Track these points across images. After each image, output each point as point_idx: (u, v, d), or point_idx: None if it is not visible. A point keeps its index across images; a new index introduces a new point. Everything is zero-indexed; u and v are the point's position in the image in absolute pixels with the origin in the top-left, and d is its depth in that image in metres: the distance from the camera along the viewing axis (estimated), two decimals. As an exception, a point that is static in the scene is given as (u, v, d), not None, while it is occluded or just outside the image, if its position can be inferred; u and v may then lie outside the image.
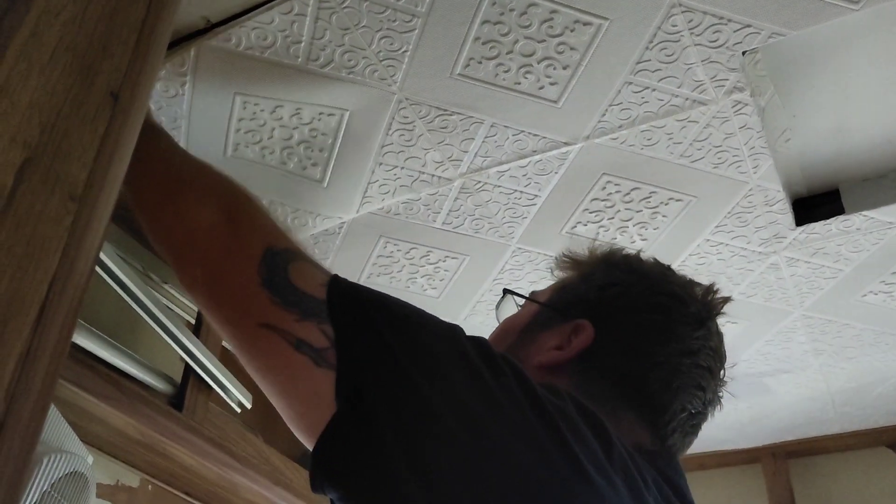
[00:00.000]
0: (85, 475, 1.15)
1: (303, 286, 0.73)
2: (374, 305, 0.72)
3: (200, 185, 0.86)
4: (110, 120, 0.60)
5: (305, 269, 0.76)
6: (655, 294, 0.88)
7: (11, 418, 0.50)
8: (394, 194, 1.51)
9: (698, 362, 0.85)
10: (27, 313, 0.51)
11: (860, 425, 2.35)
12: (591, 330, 0.85)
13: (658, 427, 0.83)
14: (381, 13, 1.18)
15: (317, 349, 0.68)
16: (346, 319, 0.70)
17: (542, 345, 0.87)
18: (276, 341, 0.70)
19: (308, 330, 0.69)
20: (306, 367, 0.68)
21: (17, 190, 0.51)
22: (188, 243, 0.81)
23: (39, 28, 0.56)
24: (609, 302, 0.88)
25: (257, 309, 0.72)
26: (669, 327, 0.86)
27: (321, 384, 0.67)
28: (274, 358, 0.71)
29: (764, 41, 1.20)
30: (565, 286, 0.94)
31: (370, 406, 0.64)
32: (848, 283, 1.71)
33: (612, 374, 0.84)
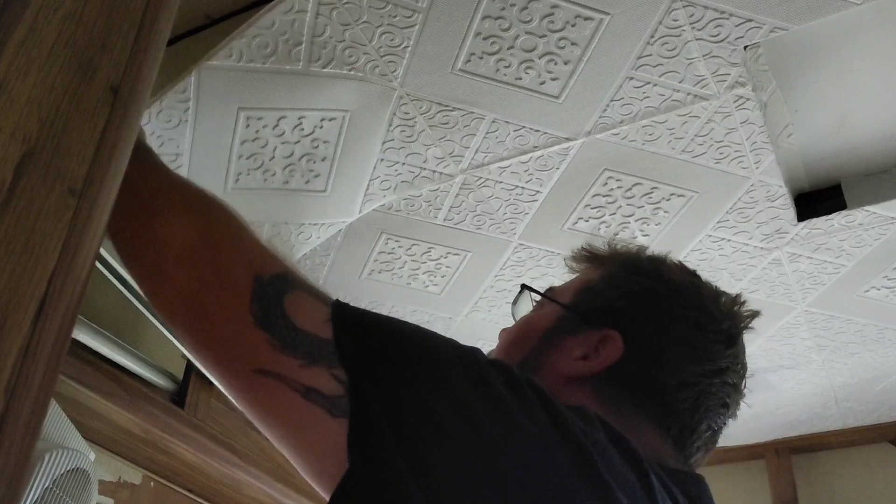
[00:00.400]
0: (87, 472, 1.15)
1: (304, 325, 0.64)
2: (386, 339, 0.65)
3: (172, 203, 0.75)
4: (110, 115, 0.60)
5: (303, 301, 0.67)
6: (687, 308, 0.84)
7: (11, 415, 0.50)
8: (395, 190, 1.50)
9: (726, 380, 0.82)
10: (27, 309, 0.51)
11: (863, 421, 2.35)
12: (621, 343, 0.81)
13: (685, 446, 0.80)
14: (382, 8, 1.17)
15: (329, 397, 0.61)
16: (361, 363, 0.62)
17: (567, 352, 0.82)
18: (280, 390, 0.62)
19: (318, 377, 0.62)
20: (319, 418, 0.61)
21: (17, 185, 0.51)
22: (159, 272, 0.71)
23: (38, 23, 0.55)
24: (638, 313, 0.84)
25: (253, 353, 0.64)
26: (701, 345, 0.82)
27: (337, 435, 0.60)
28: (279, 409, 0.63)
29: (766, 36, 1.20)
30: (589, 289, 0.88)
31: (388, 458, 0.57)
32: (850, 279, 1.71)
33: (638, 390, 0.79)
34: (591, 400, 0.77)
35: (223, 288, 0.67)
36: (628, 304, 0.84)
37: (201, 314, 0.67)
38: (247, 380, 0.64)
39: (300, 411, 0.61)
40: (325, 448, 0.60)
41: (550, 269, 1.71)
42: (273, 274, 0.68)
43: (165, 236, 0.71)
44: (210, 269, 0.69)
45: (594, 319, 0.84)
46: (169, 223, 0.72)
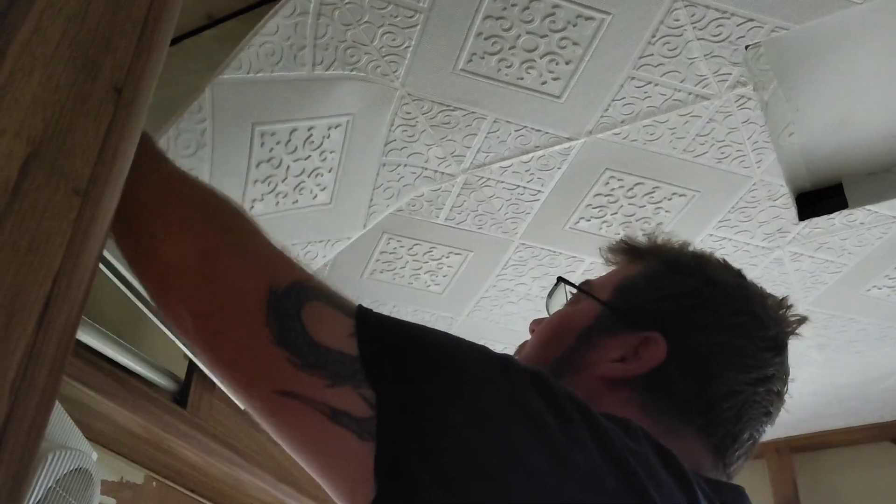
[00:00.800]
0: (90, 472, 1.15)
1: (326, 340, 0.60)
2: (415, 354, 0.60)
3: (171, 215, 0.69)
4: (114, 115, 0.60)
5: (323, 313, 0.62)
6: (734, 313, 0.79)
7: (16, 416, 0.50)
8: (398, 197, 1.50)
9: (771, 388, 0.78)
10: (31, 309, 0.51)
11: (865, 420, 2.35)
12: (664, 346, 0.76)
13: (725, 455, 0.76)
14: (383, 9, 1.17)
15: (358, 419, 0.56)
16: (386, 381, 0.58)
17: (604, 353, 0.77)
18: (304, 413, 0.58)
19: (345, 397, 0.57)
20: (348, 441, 0.56)
21: (21, 185, 0.51)
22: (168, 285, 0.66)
23: (42, 23, 0.55)
24: (684, 316, 0.78)
25: (273, 373, 0.59)
26: (749, 353, 0.77)
27: (367, 460, 0.55)
28: (305, 432, 0.59)
29: (767, 35, 1.20)
30: (630, 286, 0.83)
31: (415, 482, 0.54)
32: (852, 278, 1.71)
33: (681, 398, 0.75)
34: (629, 405, 0.74)
35: (235, 306, 0.62)
36: (673, 307, 0.79)
37: (214, 335, 0.63)
38: (268, 401, 0.60)
39: (328, 435, 0.57)
40: (355, 473, 0.56)
41: (552, 269, 1.71)
42: (288, 284, 0.63)
43: (167, 256, 0.66)
44: (218, 288, 0.64)
45: (635, 320, 0.79)
46: (169, 241, 0.67)
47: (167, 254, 0.66)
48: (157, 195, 0.71)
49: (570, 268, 1.70)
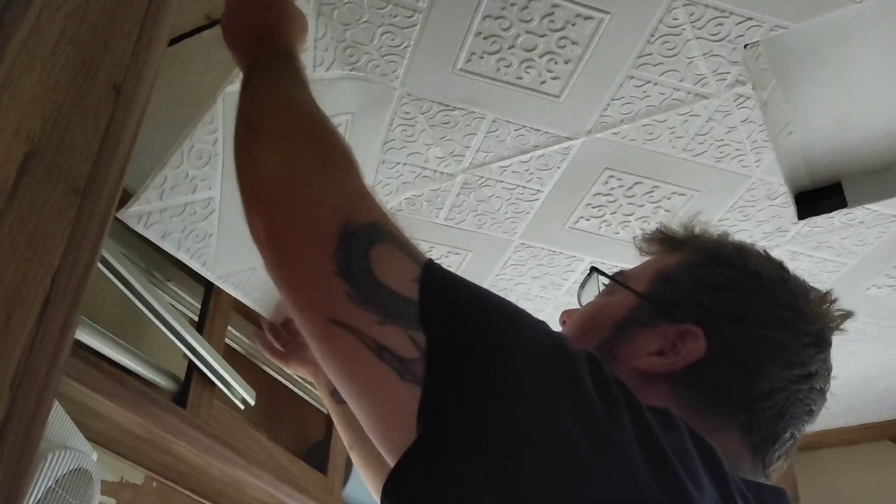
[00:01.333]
0: (89, 472, 1.15)
1: (388, 280, 0.61)
2: (473, 309, 0.61)
3: (274, 125, 0.75)
4: (112, 113, 0.60)
5: (392, 256, 0.63)
6: (778, 307, 0.76)
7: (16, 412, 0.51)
8: (396, 193, 1.51)
9: (814, 386, 0.76)
10: (31, 306, 0.51)
11: (865, 419, 2.35)
12: (704, 341, 0.73)
13: (765, 454, 0.74)
14: (383, 8, 1.18)
15: (402, 359, 0.57)
16: (440, 328, 0.58)
17: (641, 346, 0.75)
18: (352, 344, 0.59)
19: (393, 336, 0.58)
20: (389, 379, 0.57)
21: (21, 183, 0.51)
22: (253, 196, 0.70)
23: (41, 22, 0.56)
24: (725, 310, 0.76)
25: (330, 300, 0.61)
26: (793, 349, 0.75)
27: (406, 400, 0.56)
28: (350, 363, 0.60)
29: (766, 34, 1.20)
30: (668, 277, 0.80)
31: (455, 433, 0.54)
32: (851, 277, 1.71)
33: (722, 395, 0.72)
34: (666, 399, 0.71)
35: (308, 230, 0.64)
36: (713, 300, 0.76)
37: (284, 252, 0.65)
38: (321, 327, 0.61)
39: (371, 369, 0.58)
40: (393, 412, 0.57)
41: (551, 269, 1.71)
42: (364, 223, 0.64)
43: (260, 169, 0.70)
44: (297, 210, 0.66)
45: (673, 312, 0.76)
46: (267, 156, 0.71)
47: (261, 166, 0.70)
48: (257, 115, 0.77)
49: (570, 267, 1.71)
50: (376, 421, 0.60)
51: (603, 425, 0.55)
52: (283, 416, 2.05)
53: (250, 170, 0.72)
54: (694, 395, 0.72)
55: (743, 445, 0.72)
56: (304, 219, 0.65)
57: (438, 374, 0.56)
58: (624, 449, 0.54)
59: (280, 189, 0.68)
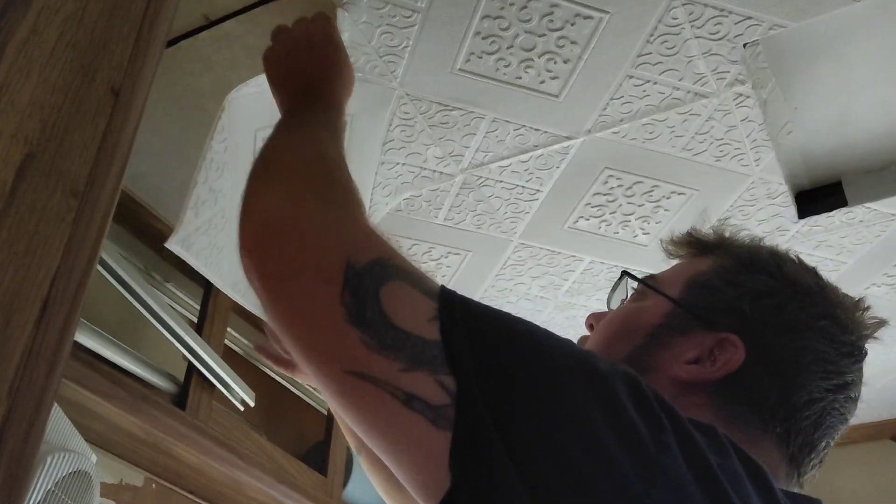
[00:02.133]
0: (89, 474, 1.15)
1: (405, 323, 0.56)
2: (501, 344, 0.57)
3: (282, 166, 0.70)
4: (111, 116, 0.60)
5: (404, 294, 0.59)
6: (816, 317, 0.74)
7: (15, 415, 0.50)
8: (396, 195, 1.50)
9: (850, 395, 0.75)
10: (30, 310, 0.51)
11: (864, 418, 2.35)
12: (742, 349, 0.71)
13: (801, 464, 0.72)
14: (381, 8, 1.17)
15: (433, 407, 0.53)
16: (471, 370, 0.54)
17: (677, 354, 0.73)
18: (377, 396, 0.55)
19: (421, 383, 0.54)
20: (420, 428, 0.53)
21: (19, 187, 0.51)
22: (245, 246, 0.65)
23: (39, 25, 0.55)
24: (763, 317, 0.74)
25: (345, 352, 0.56)
26: (831, 359, 0.73)
27: (440, 448, 0.52)
28: (376, 416, 0.56)
29: (765, 33, 1.20)
30: (703, 283, 0.78)
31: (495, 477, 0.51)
32: (851, 276, 1.70)
33: (757, 403, 0.71)
34: (704, 410, 0.70)
35: (310, 274, 0.60)
36: (751, 307, 0.74)
37: (285, 301, 0.60)
38: (339, 381, 0.57)
39: (400, 421, 0.54)
40: (428, 462, 0.53)
41: (551, 269, 1.71)
42: (369, 261, 0.60)
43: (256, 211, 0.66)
44: (296, 250, 0.61)
45: (710, 319, 0.74)
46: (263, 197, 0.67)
47: (257, 208, 0.66)
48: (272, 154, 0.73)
49: (570, 267, 1.70)
50: (411, 471, 0.56)
51: (651, 452, 0.52)
52: (283, 417, 2.05)
53: (246, 214, 0.67)
54: (732, 405, 0.70)
55: (780, 456, 0.71)
56: (302, 260, 0.61)
57: (471, 417, 0.53)
58: (675, 476, 0.52)
59: (277, 231, 0.63)
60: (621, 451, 0.51)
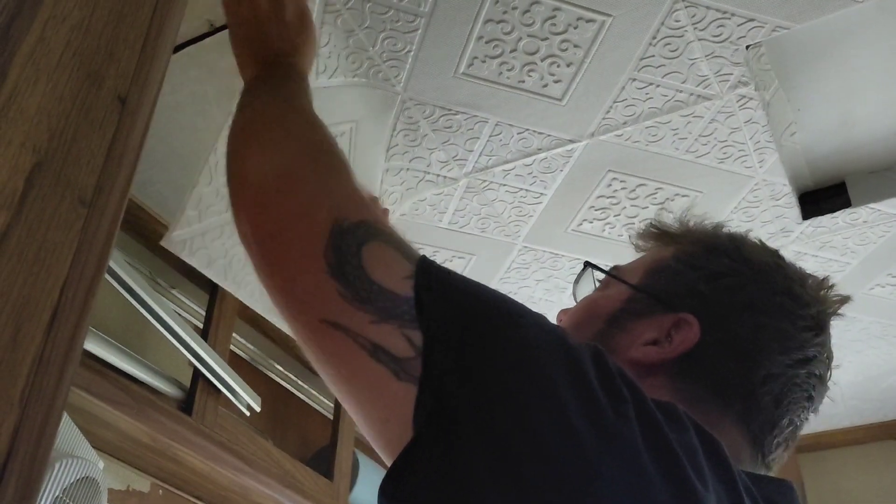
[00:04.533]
0: (96, 480, 1.15)
1: (381, 278, 0.59)
2: (470, 305, 0.59)
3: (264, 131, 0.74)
4: (118, 124, 0.60)
5: (384, 253, 0.62)
6: (774, 293, 0.76)
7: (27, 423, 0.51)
8: (401, 201, 1.51)
9: (812, 371, 0.75)
10: (40, 318, 0.51)
11: (869, 419, 2.35)
12: (698, 328, 0.73)
13: (763, 444, 0.73)
14: (385, 14, 1.18)
15: (398, 359, 0.56)
16: (437, 324, 0.57)
17: (636, 337, 0.74)
18: (346, 345, 0.58)
19: (388, 335, 0.57)
20: (384, 379, 0.56)
21: (28, 195, 0.51)
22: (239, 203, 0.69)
23: (46, 33, 0.56)
24: (721, 297, 0.75)
25: (321, 301, 0.59)
26: (790, 333, 0.74)
27: (401, 399, 0.55)
28: (344, 364, 0.59)
29: (768, 35, 1.20)
30: (663, 268, 0.80)
31: (457, 430, 0.53)
32: (855, 277, 1.71)
33: (719, 383, 0.72)
34: (664, 391, 0.71)
35: (298, 230, 0.63)
36: (708, 287, 0.76)
37: (273, 253, 0.64)
38: (313, 329, 0.60)
39: (365, 370, 0.57)
40: (389, 411, 0.56)
41: (555, 272, 1.71)
42: (355, 221, 0.63)
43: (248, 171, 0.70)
44: (285, 210, 0.65)
45: (668, 302, 0.76)
46: (255, 157, 0.71)
47: (249, 169, 0.69)
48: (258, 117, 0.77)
49: (574, 270, 1.70)
50: (372, 421, 0.59)
51: (609, 421, 0.54)
52: (289, 422, 2.05)
53: (238, 170, 0.71)
54: (691, 385, 0.71)
55: (742, 436, 0.72)
56: (293, 218, 0.64)
57: (436, 372, 0.55)
58: (630, 444, 0.54)
59: (268, 188, 0.67)
60: (579, 415, 0.53)
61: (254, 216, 0.67)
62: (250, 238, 0.66)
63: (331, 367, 0.60)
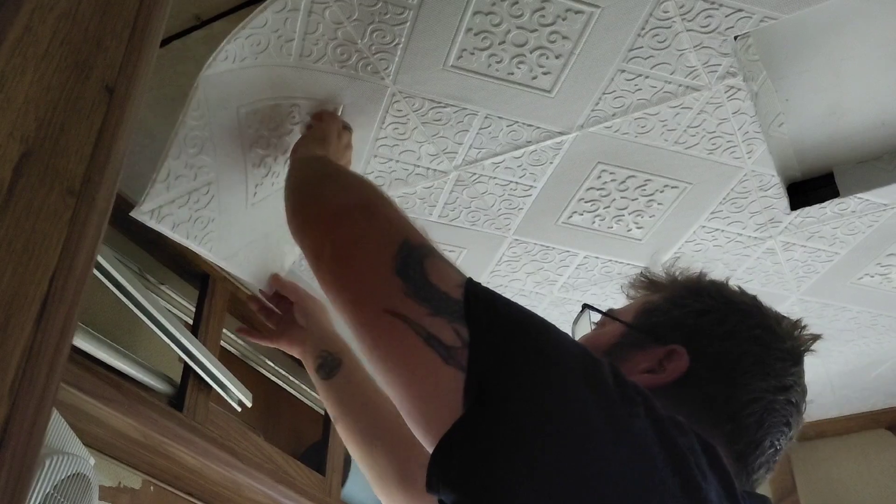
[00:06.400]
0: (87, 477, 1.15)
1: (438, 283, 0.72)
2: (511, 316, 0.71)
3: (343, 178, 0.94)
4: (106, 114, 0.60)
5: (441, 267, 0.75)
6: (752, 326, 0.86)
7: (16, 417, 0.50)
8: (389, 188, 1.50)
9: (790, 398, 0.84)
10: (29, 309, 0.51)
11: (859, 408, 2.36)
12: (687, 357, 0.83)
13: (747, 463, 0.82)
14: (373, 6, 1.17)
15: (447, 346, 0.67)
16: (482, 323, 0.68)
17: (632, 366, 0.83)
18: (403, 331, 0.69)
19: (440, 326, 0.68)
20: (434, 362, 0.67)
21: (16, 185, 0.51)
22: (317, 221, 0.85)
23: (33, 23, 0.55)
24: (707, 329, 0.85)
25: (387, 294, 0.72)
26: (768, 362, 0.84)
27: (447, 381, 0.66)
28: (399, 347, 0.70)
29: (756, 25, 1.20)
30: (652, 309, 0.90)
31: (499, 414, 0.63)
32: (844, 267, 1.71)
33: (708, 406, 0.81)
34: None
35: (373, 240, 0.77)
36: (696, 321, 0.86)
37: (348, 257, 0.78)
38: (377, 317, 0.72)
39: (418, 353, 0.68)
40: (436, 391, 0.66)
41: (546, 264, 1.71)
42: (421, 243, 0.77)
43: (333, 199, 0.87)
44: (365, 227, 0.80)
45: (660, 335, 0.86)
46: (340, 191, 0.89)
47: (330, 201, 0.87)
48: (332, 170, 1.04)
49: (564, 263, 1.71)
50: (417, 400, 0.69)
51: (622, 415, 0.64)
52: (280, 417, 2.05)
53: (318, 205, 0.89)
54: (684, 409, 0.78)
55: (728, 455, 0.79)
56: (373, 232, 0.79)
57: (481, 361, 0.66)
58: (640, 435, 0.63)
59: (351, 216, 0.82)
60: (597, 409, 0.63)
61: (334, 229, 0.82)
62: (328, 251, 0.81)
63: (389, 350, 0.71)
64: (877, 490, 2.38)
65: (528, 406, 0.63)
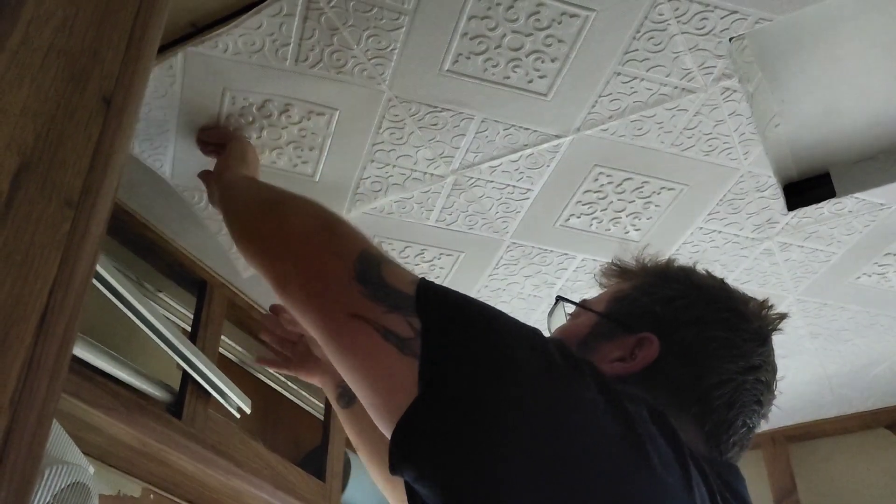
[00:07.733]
0: (87, 486, 1.14)
1: (393, 282, 0.77)
2: (459, 304, 0.76)
3: (298, 202, 0.97)
4: (103, 125, 0.60)
5: (396, 270, 0.80)
6: (720, 310, 0.89)
7: (17, 428, 0.50)
8: (386, 193, 1.50)
9: (759, 378, 0.87)
10: (28, 321, 0.51)
11: (858, 408, 2.36)
12: (657, 343, 0.86)
13: (720, 442, 0.84)
14: (369, 11, 1.17)
15: (402, 338, 0.72)
16: (433, 314, 0.74)
17: (605, 355, 0.87)
18: (364, 330, 0.74)
19: (396, 321, 0.74)
20: (392, 355, 0.72)
21: (14, 197, 0.51)
22: (283, 243, 0.89)
23: (30, 34, 0.55)
24: (675, 316, 0.88)
25: (349, 299, 0.77)
26: (736, 344, 0.87)
27: (404, 371, 0.70)
28: (361, 345, 0.75)
29: (751, 27, 1.20)
30: (623, 297, 0.93)
31: (450, 392, 0.68)
32: (841, 266, 1.72)
33: (678, 389, 0.84)
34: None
35: (334, 254, 0.82)
36: (664, 309, 0.89)
37: (313, 272, 0.82)
38: (341, 321, 0.77)
39: (378, 348, 0.73)
40: (394, 381, 0.71)
41: (544, 267, 1.71)
42: (377, 252, 0.83)
43: (292, 222, 0.90)
44: (326, 243, 0.85)
45: (630, 324, 0.89)
46: (297, 214, 0.92)
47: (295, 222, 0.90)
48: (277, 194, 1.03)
49: (562, 265, 1.71)
50: (377, 390, 0.74)
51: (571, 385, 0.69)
52: (279, 423, 2.04)
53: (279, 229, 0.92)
54: (654, 393, 0.81)
55: (697, 435, 0.83)
56: (333, 246, 0.84)
57: (432, 346, 0.71)
58: (590, 403, 0.67)
59: (312, 236, 0.87)
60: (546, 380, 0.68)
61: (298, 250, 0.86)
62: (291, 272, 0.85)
63: (351, 348, 0.76)
64: (877, 489, 2.38)
65: (478, 383, 0.67)
